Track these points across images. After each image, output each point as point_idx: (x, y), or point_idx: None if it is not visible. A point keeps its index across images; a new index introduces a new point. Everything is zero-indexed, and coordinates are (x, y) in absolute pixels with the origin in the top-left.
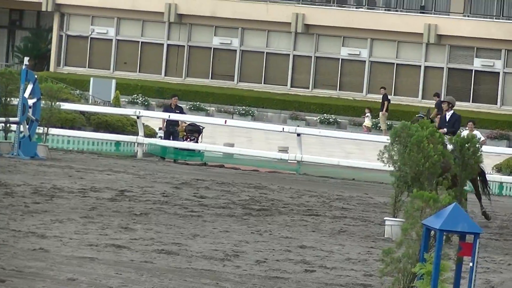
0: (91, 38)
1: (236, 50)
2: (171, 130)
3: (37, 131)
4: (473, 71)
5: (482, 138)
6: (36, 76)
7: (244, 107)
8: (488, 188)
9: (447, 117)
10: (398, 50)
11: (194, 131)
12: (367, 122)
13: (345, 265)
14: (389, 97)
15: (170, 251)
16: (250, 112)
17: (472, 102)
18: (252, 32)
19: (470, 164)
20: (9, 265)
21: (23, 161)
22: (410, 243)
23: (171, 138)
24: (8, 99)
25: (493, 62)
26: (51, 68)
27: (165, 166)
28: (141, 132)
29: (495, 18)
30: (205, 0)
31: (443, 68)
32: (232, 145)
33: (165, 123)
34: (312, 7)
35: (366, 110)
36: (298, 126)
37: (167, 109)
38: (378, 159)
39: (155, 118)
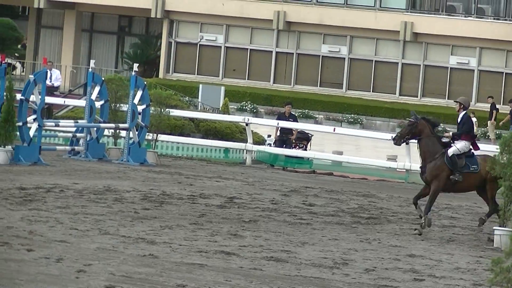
0: (200, 45)
1: (344, 58)
2: (284, 138)
3: (146, 137)
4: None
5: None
6: (145, 83)
7: (352, 115)
8: None
9: (459, 118)
10: (507, 59)
11: (303, 139)
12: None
13: (454, 274)
14: (497, 106)
15: (279, 258)
16: (359, 120)
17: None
18: (361, 40)
19: None
20: (119, 271)
21: (132, 167)
22: None
23: (284, 147)
24: (118, 105)
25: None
26: (160, 75)
27: (274, 174)
28: (250, 139)
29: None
30: (314, 8)
31: None
32: (340, 153)
33: (278, 131)
34: (421, 15)
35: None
36: None
37: (281, 117)
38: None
39: (263, 125)
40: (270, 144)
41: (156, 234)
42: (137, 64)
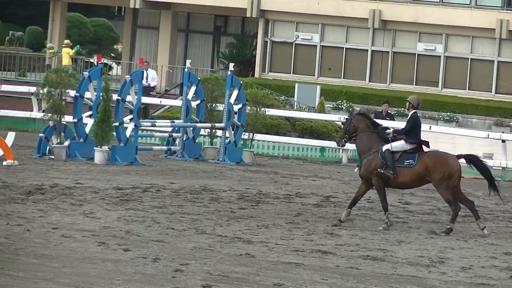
0: (295, 44)
1: (440, 56)
2: None
3: (242, 136)
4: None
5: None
6: (241, 82)
7: (448, 113)
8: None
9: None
10: None
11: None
12: None
13: None
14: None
15: (375, 257)
16: (455, 118)
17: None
18: (456, 38)
19: None
20: (215, 270)
21: (228, 166)
22: None
23: None
24: (214, 104)
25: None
26: (256, 74)
27: None
28: None
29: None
30: (409, 6)
31: None
32: None
33: None
34: None
35: None
36: (503, 132)
37: (378, 115)
38: None
39: None
40: None
41: (252, 234)
42: (233, 64)
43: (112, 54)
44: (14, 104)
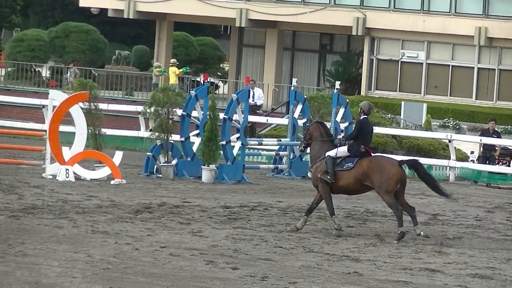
0: (401, 61)
1: None
2: (487, 155)
3: None
4: None
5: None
6: (347, 100)
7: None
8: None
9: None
10: None
11: (506, 155)
12: None
13: None
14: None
15: (484, 275)
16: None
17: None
18: None
19: None
20: None
21: None
22: None
23: (487, 163)
24: None
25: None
26: (362, 92)
27: (477, 190)
28: (453, 156)
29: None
30: None
31: None
32: None
33: (481, 147)
34: None
35: None
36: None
37: (484, 133)
38: None
39: (466, 142)
40: (473, 161)
41: (360, 252)
42: (339, 82)
43: (218, 73)
44: (121, 124)
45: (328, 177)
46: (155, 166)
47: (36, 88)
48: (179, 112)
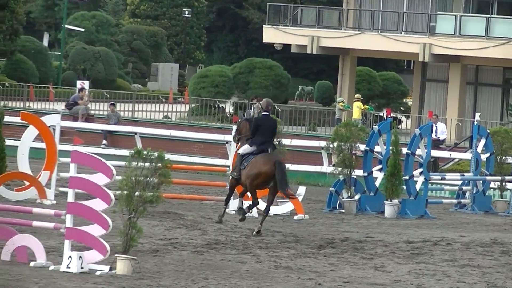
0: None
1: None
2: None
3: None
4: None
5: None
6: (488, 131)
7: None
8: None
9: None
10: None
11: None
12: None
13: None
14: None
15: None
16: None
17: None
18: None
19: None
20: None
21: None
22: None
23: None
24: (503, 157)
25: None
26: None
27: None
28: None
29: None
30: None
31: None
32: None
33: None
34: None
35: None
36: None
37: None
38: None
39: None
40: None
41: None
42: (479, 113)
43: (401, 108)
44: (304, 159)
45: (235, 173)
46: (338, 201)
47: (219, 124)
48: (362, 147)
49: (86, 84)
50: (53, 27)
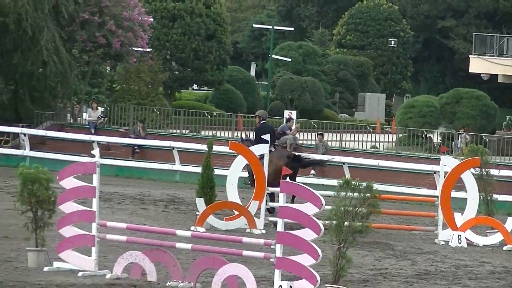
0: None
1: None
2: None
3: None
4: None
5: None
6: None
7: None
8: None
9: None
10: None
11: None
12: None
13: None
14: None
15: None
16: None
17: None
18: None
19: None
20: None
21: None
22: None
23: None
24: None
25: None
26: None
27: None
28: None
29: None
30: None
31: None
32: None
33: None
34: None
35: None
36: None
37: None
38: None
39: None
40: None
41: None
42: None
43: None
44: None
45: (249, 182)
46: None
47: (427, 154)
48: None
49: (293, 114)
50: (260, 57)
